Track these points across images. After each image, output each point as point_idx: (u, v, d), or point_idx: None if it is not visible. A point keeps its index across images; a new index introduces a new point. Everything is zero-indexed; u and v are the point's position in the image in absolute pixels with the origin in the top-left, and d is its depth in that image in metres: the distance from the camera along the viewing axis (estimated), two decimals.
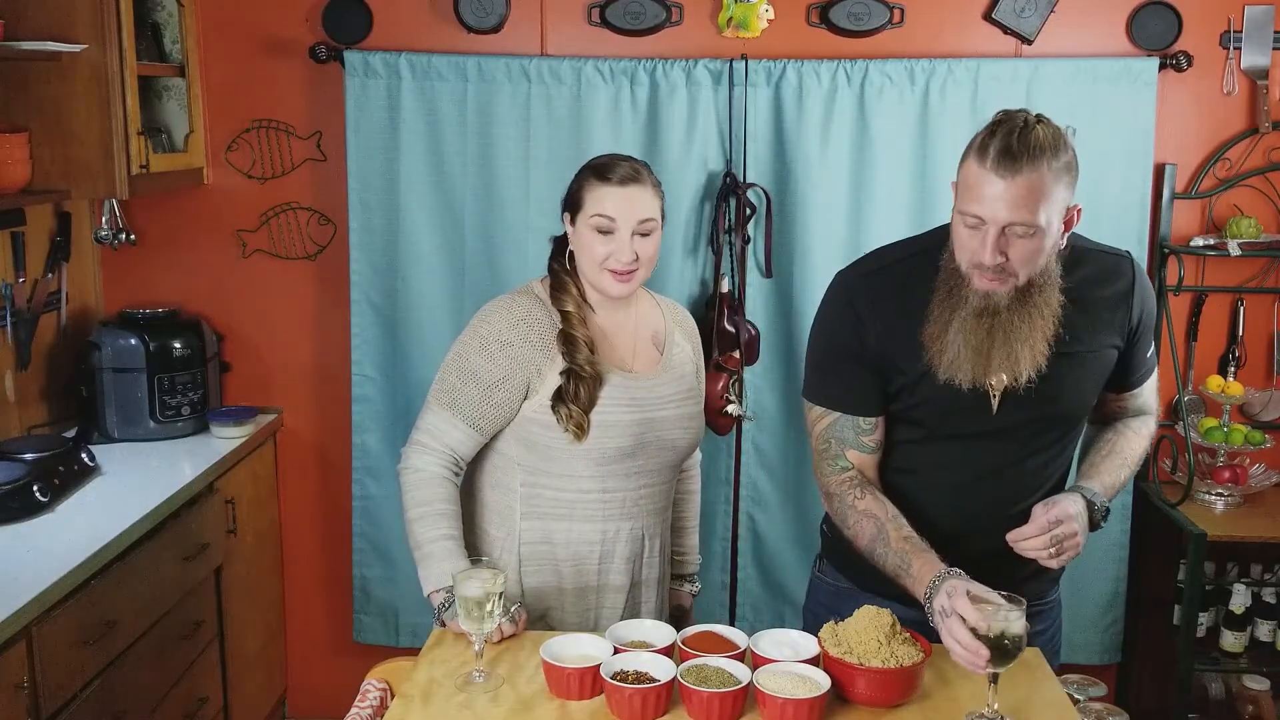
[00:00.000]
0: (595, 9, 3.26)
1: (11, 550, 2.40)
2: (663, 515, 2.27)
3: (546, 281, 2.20)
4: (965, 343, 1.84)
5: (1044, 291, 1.84)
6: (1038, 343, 1.84)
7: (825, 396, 2.01)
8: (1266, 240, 3.22)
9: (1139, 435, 2.10)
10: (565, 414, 2.08)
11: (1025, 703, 1.81)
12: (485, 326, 2.13)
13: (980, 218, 1.76)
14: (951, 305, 1.85)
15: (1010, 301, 1.82)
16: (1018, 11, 3.21)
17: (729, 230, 3.24)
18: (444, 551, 2.07)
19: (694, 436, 2.26)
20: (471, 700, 1.82)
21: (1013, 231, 1.76)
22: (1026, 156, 1.72)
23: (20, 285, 3.04)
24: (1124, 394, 2.08)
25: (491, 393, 2.10)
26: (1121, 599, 3.41)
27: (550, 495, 2.16)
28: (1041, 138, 1.73)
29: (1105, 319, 1.96)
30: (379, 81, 3.23)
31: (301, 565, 3.62)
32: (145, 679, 2.63)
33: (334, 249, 3.44)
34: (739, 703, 1.74)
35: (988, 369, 1.86)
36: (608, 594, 2.21)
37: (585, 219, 2.09)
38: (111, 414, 3.18)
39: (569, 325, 2.11)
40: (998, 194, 1.73)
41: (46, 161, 2.87)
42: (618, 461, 2.13)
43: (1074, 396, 1.97)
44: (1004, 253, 1.77)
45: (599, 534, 2.17)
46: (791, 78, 3.19)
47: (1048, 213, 1.75)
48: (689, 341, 2.32)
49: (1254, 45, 3.24)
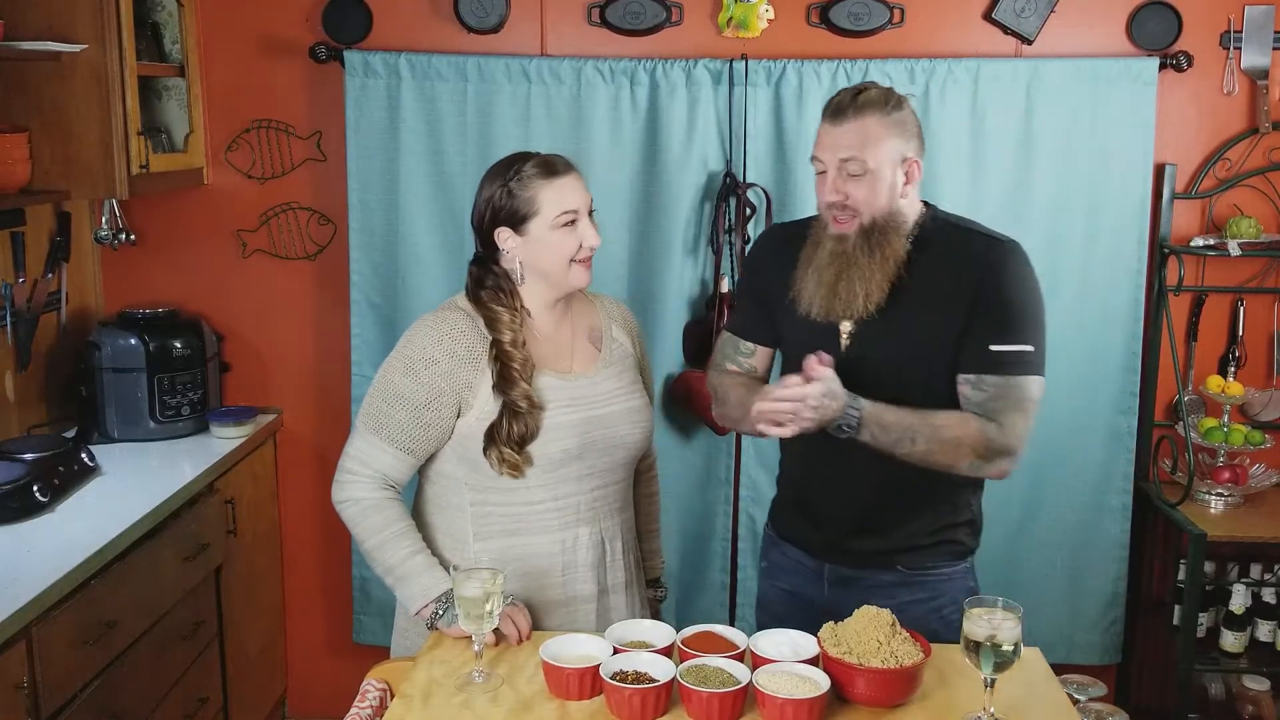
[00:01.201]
0: (595, 9, 3.26)
1: (11, 550, 2.40)
2: (622, 516, 2.20)
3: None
4: (819, 279, 2.10)
5: (887, 235, 2.06)
6: (876, 278, 2.05)
7: (729, 323, 2.38)
8: (1266, 240, 3.22)
9: (962, 420, 2.02)
10: (497, 456, 2.03)
11: (1024, 703, 1.81)
12: (410, 347, 2.07)
13: (821, 159, 2.07)
14: (813, 249, 2.14)
15: (857, 241, 2.06)
16: (1018, 11, 3.21)
17: (729, 230, 3.24)
18: (418, 567, 2.04)
19: (643, 431, 2.19)
20: (471, 700, 1.82)
21: (847, 170, 2.03)
22: (853, 109, 2.03)
23: (20, 285, 3.04)
24: (962, 377, 2.05)
25: (421, 414, 2.04)
26: (1121, 599, 3.42)
27: (500, 511, 2.09)
28: (873, 96, 2.04)
29: (954, 284, 2.05)
30: (379, 81, 3.23)
31: (301, 565, 3.62)
32: (145, 679, 2.63)
33: (334, 249, 3.44)
34: (739, 703, 1.74)
35: (834, 301, 2.08)
36: (577, 605, 2.13)
37: (545, 222, 2.04)
38: (111, 414, 3.18)
39: (505, 358, 2.04)
40: (830, 139, 2.05)
41: (46, 161, 2.87)
42: (565, 465, 2.07)
43: (914, 355, 2.07)
44: (844, 191, 2.04)
45: (557, 544, 2.10)
46: (791, 78, 3.19)
47: (876, 156, 2.02)
48: (627, 335, 2.26)
49: (1254, 45, 3.24)
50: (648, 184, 3.26)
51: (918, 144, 2.08)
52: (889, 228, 2.05)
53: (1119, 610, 3.42)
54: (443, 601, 2.01)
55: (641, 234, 3.28)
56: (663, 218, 3.27)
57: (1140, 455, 3.37)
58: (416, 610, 2.04)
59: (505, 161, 2.10)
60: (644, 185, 3.26)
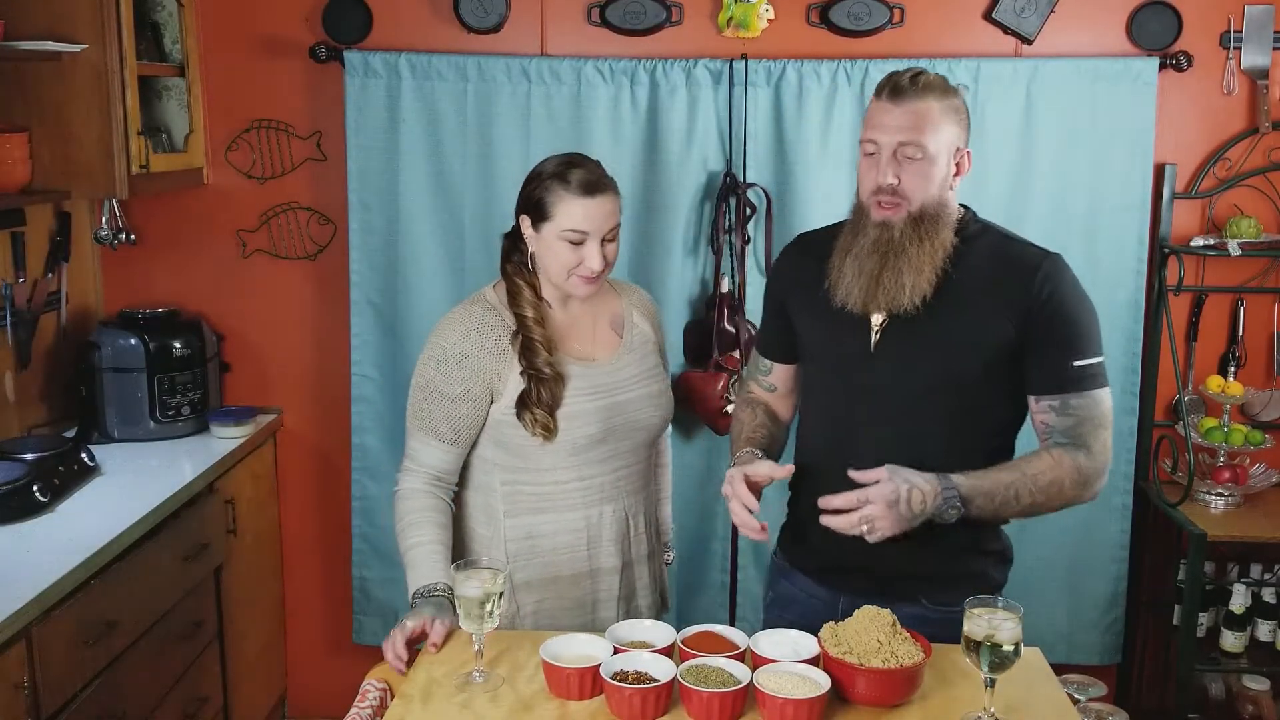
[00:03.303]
0: (595, 9, 3.26)
1: (11, 550, 2.40)
2: (644, 493, 2.30)
3: (500, 285, 2.21)
4: (860, 269, 1.99)
5: (936, 223, 1.97)
6: (925, 271, 1.96)
7: (755, 340, 2.35)
8: (1266, 240, 3.22)
9: (1054, 459, 1.96)
10: (530, 419, 2.11)
11: (1025, 703, 1.81)
12: (440, 343, 2.16)
13: (875, 141, 1.97)
14: (852, 237, 2.03)
15: (905, 229, 1.97)
16: (1018, 11, 3.21)
17: (729, 230, 3.24)
18: (417, 559, 2.12)
19: (663, 414, 2.28)
20: (471, 700, 1.82)
21: (904, 153, 1.94)
22: (914, 90, 1.94)
23: (20, 285, 3.04)
24: (1042, 401, 1.99)
25: (458, 405, 2.14)
26: (1121, 599, 3.42)
27: (529, 490, 2.19)
28: (931, 79, 1.96)
29: (999, 290, 1.98)
30: (379, 81, 3.23)
31: (301, 565, 3.62)
32: (145, 679, 2.63)
33: (334, 249, 3.44)
34: (739, 703, 1.74)
35: (876, 291, 1.98)
36: (602, 577, 2.24)
37: (555, 230, 2.09)
38: (111, 414, 3.18)
39: (526, 330, 2.13)
40: (890, 119, 1.95)
41: (46, 161, 2.87)
42: (589, 449, 2.16)
43: (950, 356, 1.98)
44: (897, 176, 1.95)
45: (583, 521, 2.20)
46: (791, 78, 3.19)
47: (935, 141, 1.94)
48: (648, 321, 2.33)
49: (1254, 45, 3.24)
50: (648, 184, 3.26)
51: (967, 136, 2.00)
52: (939, 218, 1.97)
53: (1119, 610, 3.42)
54: (422, 595, 2.06)
55: (641, 234, 3.28)
56: (663, 218, 3.27)
57: (1140, 455, 3.37)
58: (410, 595, 2.11)
59: (564, 160, 2.13)
60: (644, 185, 3.26)
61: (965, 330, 1.98)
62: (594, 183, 2.09)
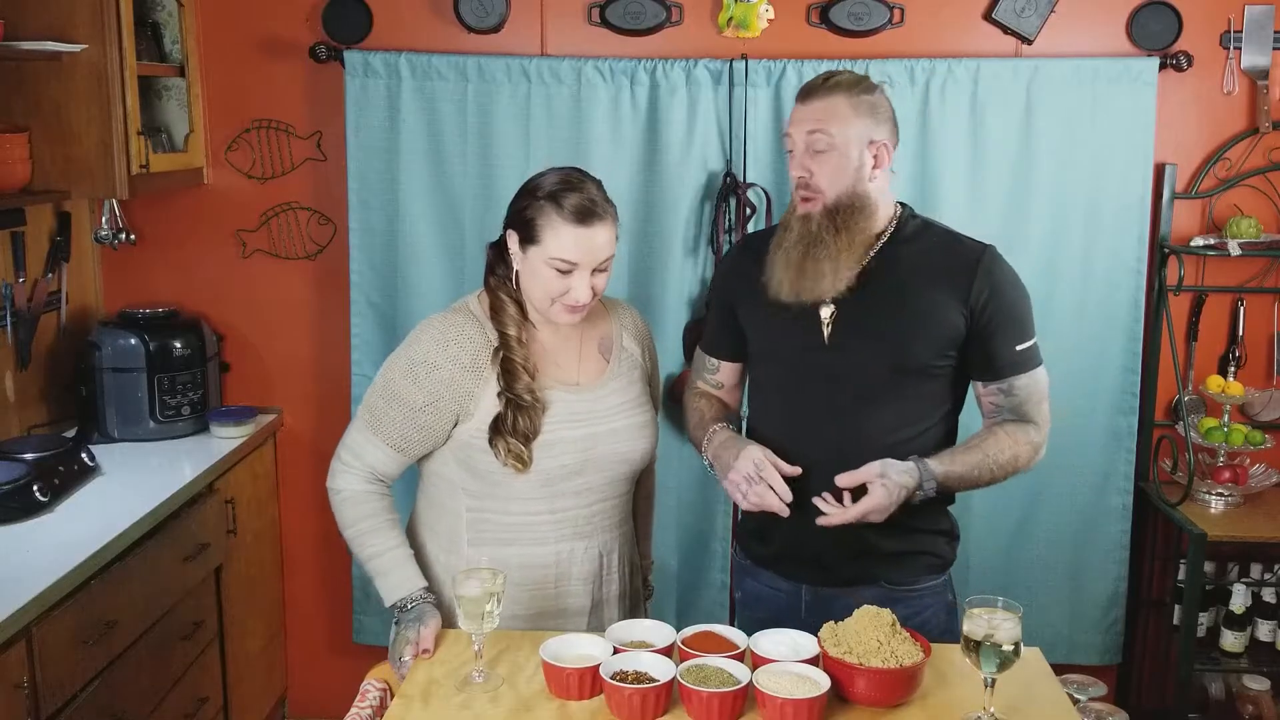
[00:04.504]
0: (595, 9, 3.26)
1: (11, 550, 2.40)
2: (621, 530, 2.17)
3: (484, 298, 2.10)
4: (787, 260, 2.08)
5: (853, 215, 2.04)
6: (843, 262, 2.04)
7: (700, 339, 2.38)
8: (1266, 240, 3.22)
9: (1011, 438, 2.09)
10: (504, 447, 1.99)
11: (1024, 703, 1.81)
12: (414, 348, 2.04)
13: (790, 136, 2.07)
14: (784, 233, 2.12)
15: (821, 220, 2.05)
16: (1018, 11, 3.21)
17: (729, 230, 3.24)
18: (386, 565, 2.04)
19: (647, 446, 2.15)
20: (471, 700, 1.82)
21: (812, 145, 2.03)
22: (824, 88, 2.04)
23: (20, 285, 3.04)
24: (990, 385, 2.11)
25: (416, 417, 2.02)
26: (1121, 599, 3.42)
27: (496, 519, 2.07)
28: (842, 78, 2.05)
29: (944, 282, 2.07)
30: (379, 81, 3.23)
31: (301, 565, 3.62)
32: (145, 679, 2.63)
33: (334, 249, 3.44)
34: (739, 703, 1.74)
35: (801, 281, 2.06)
36: (568, 618, 2.11)
37: (542, 255, 1.97)
38: (111, 414, 3.18)
39: (507, 349, 2.01)
40: (800, 115, 2.06)
41: (46, 161, 2.87)
42: (564, 480, 2.04)
43: (903, 341, 2.06)
44: (808, 168, 2.04)
45: (552, 556, 2.08)
46: (791, 78, 3.19)
47: (842, 132, 2.02)
48: (638, 344, 2.21)
49: (1254, 45, 3.24)
50: (648, 184, 3.26)
51: (890, 129, 2.06)
52: (854, 209, 2.04)
53: (1119, 610, 3.42)
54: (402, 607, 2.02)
55: (641, 234, 3.28)
56: (663, 218, 3.27)
57: (1140, 455, 3.37)
58: (388, 605, 2.05)
59: (562, 178, 2.01)
60: (644, 185, 3.26)
61: (914, 320, 2.06)
62: (590, 210, 1.96)
